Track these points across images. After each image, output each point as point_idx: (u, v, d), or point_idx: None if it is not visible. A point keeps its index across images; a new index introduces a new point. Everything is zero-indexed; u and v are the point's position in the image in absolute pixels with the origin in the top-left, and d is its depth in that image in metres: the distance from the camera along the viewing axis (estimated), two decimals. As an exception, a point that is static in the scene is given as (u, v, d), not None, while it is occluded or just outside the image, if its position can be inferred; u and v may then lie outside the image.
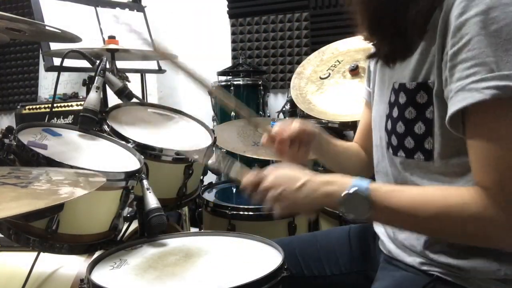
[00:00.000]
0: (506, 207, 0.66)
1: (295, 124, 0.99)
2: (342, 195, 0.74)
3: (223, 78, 2.64)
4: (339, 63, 1.90)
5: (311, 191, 0.77)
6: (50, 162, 0.91)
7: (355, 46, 1.79)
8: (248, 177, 0.83)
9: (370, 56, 0.94)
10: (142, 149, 1.16)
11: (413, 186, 0.78)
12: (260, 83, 2.45)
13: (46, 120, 1.40)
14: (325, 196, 0.77)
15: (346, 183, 0.75)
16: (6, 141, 0.92)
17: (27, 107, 2.46)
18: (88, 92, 1.27)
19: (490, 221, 0.67)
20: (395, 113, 0.82)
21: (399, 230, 0.85)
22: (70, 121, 2.29)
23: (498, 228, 0.67)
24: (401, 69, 0.83)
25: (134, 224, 1.26)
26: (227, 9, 2.93)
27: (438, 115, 0.75)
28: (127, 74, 1.73)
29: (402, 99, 0.80)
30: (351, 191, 0.73)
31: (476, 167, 0.69)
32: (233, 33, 2.96)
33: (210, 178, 1.89)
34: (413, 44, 0.78)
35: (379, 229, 0.99)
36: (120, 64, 1.78)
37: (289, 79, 2.26)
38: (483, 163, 0.68)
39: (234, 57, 2.96)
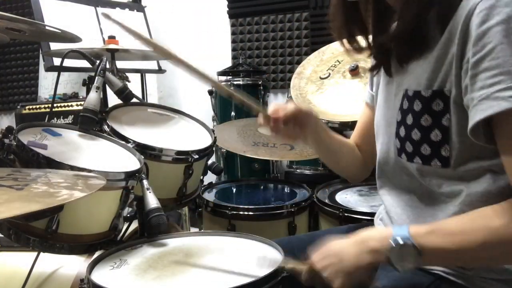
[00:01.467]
0: None
1: (290, 105, 1.00)
2: (388, 249, 0.72)
3: (223, 78, 2.64)
4: (339, 63, 1.90)
5: (355, 255, 0.75)
6: (50, 162, 0.91)
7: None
8: (304, 270, 0.82)
9: (373, 69, 0.94)
10: (142, 149, 1.16)
11: (449, 219, 0.76)
12: (260, 83, 2.45)
13: (46, 120, 1.40)
14: (371, 253, 0.74)
15: (386, 236, 0.73)
16: (6, 141, 0.92)
17: (27, 107, 2.46)
18: (88, 92, 1.27)
19: None
20: (410, 120, 0.81)
21: (455, 266, 0.80)
22: (70, 121, 2.28)
23: None
24: (412, 76, 0.82)
25: (134, 224, 1.26)
26: (227, 9, 2.93)
27: (456, 123, 0.75)
28: (127, 74, 1.74)
29: (418, 106, 0.80)
30: (395, 243, 0.72)
31: (509, 173, 0.69)
32: (233, 33, 2.96)
33: (210, 178, 1.89)
34: (431, 38, 0.77)
35: (382, 228, 0.99)
36: (120, 64, 1.78)
37: (289, 79, 2.26)
38: None
39: (234, 57, 2.95)
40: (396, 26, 0.83)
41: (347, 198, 1.64)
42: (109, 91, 1.49)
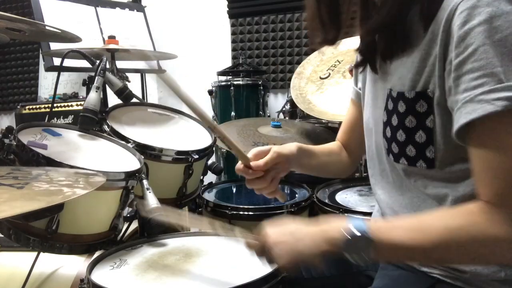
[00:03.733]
0: None
1: (271, 153, 0.99)
2: (343, 240, 0.71)
3: (223, 78, 2.64)
4: (339, 63, 1.90)
5: (312, 241, 0.75)
6: (50, 162, 0.91)
7: (355, 46, 1.80)
8: (250, 241, 0.81)
9: (358, 65, 0.94)
10: (142, 149, 1.16)
11: (412, 216, 0.75)
12: (260, 83, 2.45)
13: (46, 120, 1.40)
14: (327, 242, 0.74)
15: (343, 227, 0.73)
16: (6, 141, 0.92)
17: (27, 107, 2.46)
18: (88, 92, 1.28)
19: (498, 238, 0.64)
20: (395, 121, 0.81)
21: (408, 263, 0.80)
22: (70, 121, 2.29)
23: (509, 244, 0.65)
24: (396, 75, 0.82)
25: (134, 224, 1.26)
26: (227, 9, 2.94)
27: (440, 124, 0.74)
28: (127, 74, 1.73)
29: (402, 107, 0.79)
30: (350, 234, 0.71)
31: (481, 179, 0.67)
32: (233, 33, 2.96)
33: (210, 178, 1.89)
34: (414, 37, 0.77)
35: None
36: (120, 64, 1.78)
37: (289, 79, 2.27)
38: (490, 175, 0.66)
39: (234, 57, 2.96)
40: (374, 19, 0.81)
41: (347, 198, 1.64)
42: (109, 91, 1.50)
